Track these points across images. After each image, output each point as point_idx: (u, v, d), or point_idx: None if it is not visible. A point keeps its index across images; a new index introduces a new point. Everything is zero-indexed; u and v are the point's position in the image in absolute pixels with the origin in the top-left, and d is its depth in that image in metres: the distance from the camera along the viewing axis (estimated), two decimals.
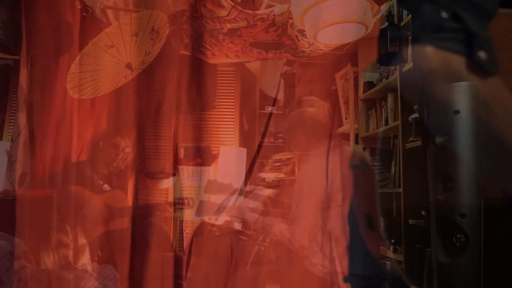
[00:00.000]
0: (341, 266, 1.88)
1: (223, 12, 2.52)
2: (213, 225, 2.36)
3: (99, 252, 2.40)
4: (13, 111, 3.62)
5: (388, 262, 2.78)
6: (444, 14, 1.02)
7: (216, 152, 3.68)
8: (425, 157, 1.08)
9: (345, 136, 3.65)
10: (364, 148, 3.34)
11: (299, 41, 2.83)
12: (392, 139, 3.08)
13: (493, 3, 1.06)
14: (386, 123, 3.11)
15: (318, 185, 1.94)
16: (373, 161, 3.10)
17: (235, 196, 2.24)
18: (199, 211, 2.44)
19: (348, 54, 3.62)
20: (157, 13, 2.67)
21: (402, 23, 2.74)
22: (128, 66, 2.73)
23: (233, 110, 3.93)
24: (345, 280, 1.85)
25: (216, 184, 2.42)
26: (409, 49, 2.62)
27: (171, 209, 2.81)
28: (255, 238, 2.19)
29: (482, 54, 0.99)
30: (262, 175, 3.71)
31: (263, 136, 3.93)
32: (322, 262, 1.91)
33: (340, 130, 3.73)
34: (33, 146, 2.41)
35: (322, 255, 1.91)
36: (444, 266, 1.03)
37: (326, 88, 3.86)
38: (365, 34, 2.50)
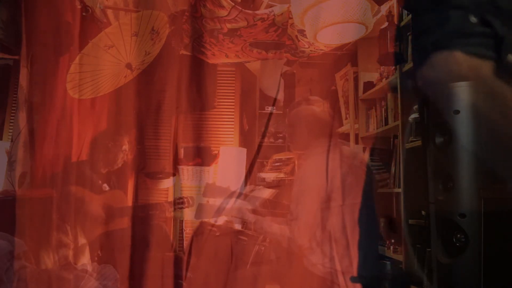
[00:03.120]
0: (341, 265, 1.88)
1: (223, 12, 2.52)
2: (213, 225, 2.36)
3: (99, 252, 2.40)
4: (13, 111, 3.62)
5: (388, 262, 2.78)
6: (473, 19, 1.01)
7: (216, 152, 3.68)
8: (425, 157, 1.08)
9: (345, 136, 3.65)
10: (364, 148, 3.34)
11: (299, 41, 2.83)
12: (392, 139, 3.08)
13: None
14: (386, 123, 3.11)
15: (317, 184, 1.94)
16: (373, 161, 3.10)
17: (234, 198, 2.24)
18: (198, 214, 2.44)
19: (348, 54, 3.62)
20: (157, 13, 2.67)
21: (402, 23, 2.74)
22: (128, 66, 2.73)
23: (233, 110, 3.93)
24: (353, 280, 1.86)
25: (215, 187, 2.42)
26: (409, 48, 2.62)
27: (171, 209, 2.80)
28: (255, 238, 2.19)
29: (511, 58, 0.98)
30: (262, 175, 3.71)
31: (263, 136, 3.94)
32: (322, 262, 1.91)
33: (340, 130, 3.73)
34: (33, 146, 2.41)
35: (322, 254, 1.91)
36: (444, 266, 1.02)
37: (326, 88, 3.86)
38: (365, 34, 2.51)
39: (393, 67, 2.98)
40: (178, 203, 2.80)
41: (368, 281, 1.93)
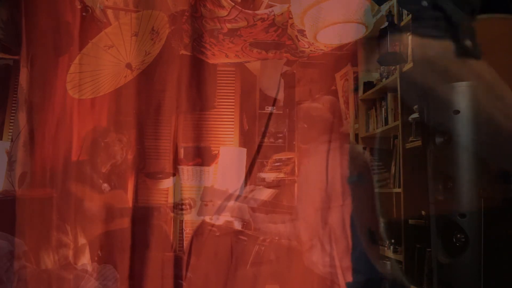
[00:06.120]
0: (341, 265, 1.89)
1: (223, 12, 2.51)
2: (213, 225, 2.36)
3: (99, 252, 2.40)
4: (13, 111, 3.62)
5: (388, 262, 2.78)
6: (424, 3, 1.04)
7: (216, 152, 3.68)
8: (425, 157, 1.08)
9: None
10: (364, 148, 3.34)
11: (299, 41, 2.82)
12: (392, 139, 3.08)
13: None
14: (386, 123, 3.11)
15: (321, 182, 1.94)
16: (373, 161, 3.10)
17: (233, 199, 2.25)
18: (200, 211, 2.44)
19: (348, 54, 3.61)
20: (157, 13, 2.67)
21: (402, 23, 2.74)
22: (128, 66, 2.73)
23: (233, 110, 3.92)
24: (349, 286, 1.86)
25: (213, 190, 2.43)
26: (410, 48, 2.62)
27: (171, 213, 2.82)
28: (255, 238, 2.19)
29: (468, 42, 1.00)
30: (262, 175, 3.71)
31: (263, 136, 3.93)
32: (322, 261, 1.92)
33: (340, 130, 3.72)
34: (33, 146, 2.41)
35: (322, 254, 1.91)
36: (444, 266, 1.02)
37: (326, 88, 3.86)
38: (365, 34, 2.50)
39: (393, 67, 2.98)
40: (179, 208, 2.81)
41: (368, 281, 1.93)
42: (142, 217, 2.65)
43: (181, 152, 3.57)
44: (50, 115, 2.48)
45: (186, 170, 3.52)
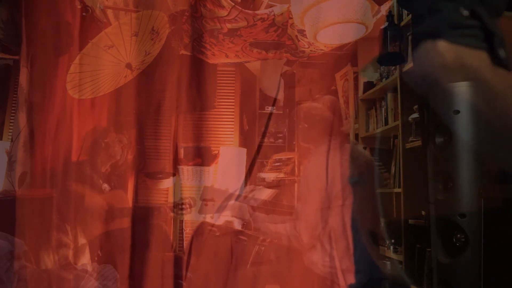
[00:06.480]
0: (341, 265, 1.89)
1: (223, 12, 2.52)
2: (213, 225, 2.36)
3: (99, 252, 2.40)
4: (13, 111, 3.62)
5: (388, 262, 2.78)
6: (465, 12, 1.03)
7: (216, 152, 3.69)
8: (425, 157, 1.08)
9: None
10: (364, 148, 3.34)
11: (299, 41, 2.83)
12: (392, 139, 3.08)
13: (502, 2, 1.08)
14: (386, 123, 3.11)
15: (321, 182, 1.94)
16: (373, 161, 3.10)
17: (234, 199, 2.25)
18: (200, 210, 2.44)
19: (348, 54, 3.62)
20: (157, 13, 2.67)
21: (402, 23, 2.74)
22: (128, 66, 2.73)
23: (233, 110, 3.93)
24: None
25: (212, 190, 2.43)
26: (410, 48, 2.62)
27: (171, 213, 2.82)
28: (255, 238, 2.19)
29: (502, 52, 1.00)
30: (262, 175, 3.71)
31: (263, 136, 3.94)
32: (323, 261, 1.91)
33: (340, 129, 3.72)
34: (33, 146, 2.41)
35: (323, 254, 1.91)
36: (444, 266, 1.02)
37: (326, 88, 3.86)
38: (365, 34, 2.50)
39: (393, 67, 2.98)
40: (179, 208, 2.81)
41: (369, 281, 1.93)
42: (142, 217, 2.65)
43: (181, 152, 3.57)
44: (50, 115, 2.48)
45: (186, 170, 3.52)
